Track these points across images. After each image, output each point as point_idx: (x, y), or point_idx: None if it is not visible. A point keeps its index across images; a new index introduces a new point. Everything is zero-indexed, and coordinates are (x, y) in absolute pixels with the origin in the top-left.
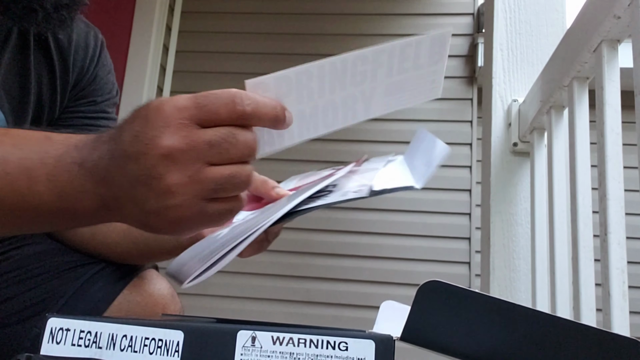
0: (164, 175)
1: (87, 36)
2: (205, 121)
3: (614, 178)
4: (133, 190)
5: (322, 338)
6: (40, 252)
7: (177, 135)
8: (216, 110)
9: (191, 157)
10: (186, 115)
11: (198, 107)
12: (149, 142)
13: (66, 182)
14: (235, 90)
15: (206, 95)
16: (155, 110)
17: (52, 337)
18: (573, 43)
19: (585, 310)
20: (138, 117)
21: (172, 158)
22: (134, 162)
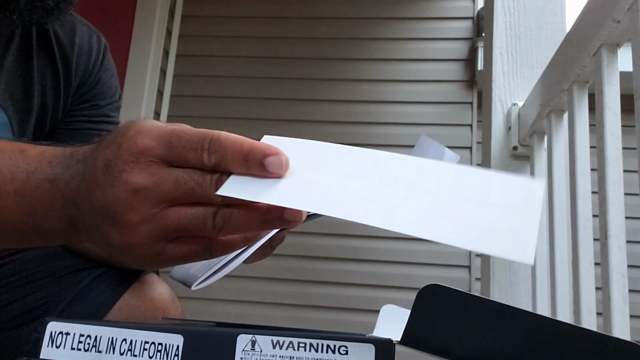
0: (127, 212)
1: (90, 40)
2: (174, 162)
3: (614, 182)
4: (98, 218)
5: (322, 342)
6: (41, 256)
7: (144, 173)
8: (185, 154)
9: (156, 196)
10: (156, 154)
11: (169, 147)
12: (117, 175)
13: (36, 199)
14: (208, 134)
15: (179, 135)
16: (128, 142)
17: (51, 341)
18: (573, 47)
19: (586, 314)
20: (112, 144)
21: (137, 195)
22: (101, 191)
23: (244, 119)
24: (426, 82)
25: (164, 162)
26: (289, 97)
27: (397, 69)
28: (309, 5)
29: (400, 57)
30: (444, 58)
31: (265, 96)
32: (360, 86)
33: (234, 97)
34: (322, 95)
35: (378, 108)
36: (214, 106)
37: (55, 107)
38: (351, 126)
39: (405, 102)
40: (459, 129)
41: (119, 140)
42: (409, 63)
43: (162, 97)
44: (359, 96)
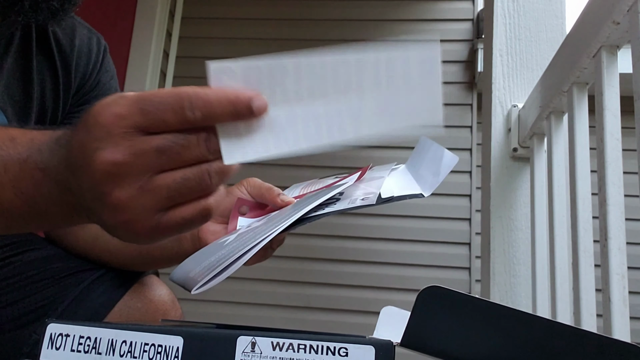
0: (111, 191)
1: (90, 42)
2: (152, 128)
3: (613, 183)
4: (89, 201)
5: (322, 344)
6: (41, 257)
7: (120, 147)
8: (163, 117)
9: (138, 168)
10: (129, 123)
11: (142, 114)
12: (92, 155)
13: (33, 189)
14: (183, 92)
15: (151, 99)
16: (94, 117)
17: (51, 343)
18: (572, 49)
19: (586, 316)
20: (83, 123)
21: (117, 172)
22: (84, 174)
23: None
24: None
25: (139, 131)
26: None
27: None
28: (308, 7)
29: None
30: (444, 59)
31: None
32: None
33: None
34: None
35: None
36: None
37: (54, 108)
38: None
39: None
40: (459, 131)
41: (87, 118)
42: None
43: None
44: None
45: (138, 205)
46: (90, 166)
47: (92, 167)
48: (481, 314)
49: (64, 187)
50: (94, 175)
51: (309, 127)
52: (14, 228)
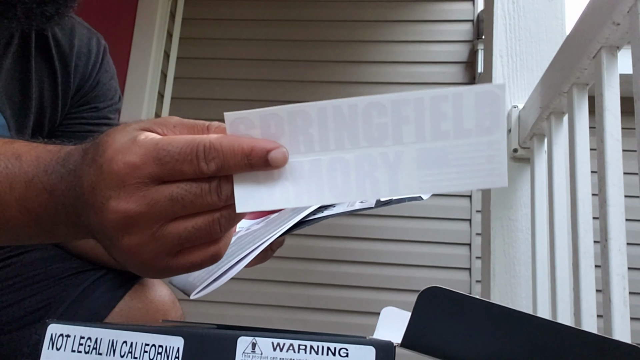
0: (122, 237)
1: (90, 42)
2: (166, 177)
3: (614, 184)
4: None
5: (323, 344)
6: (41, 258)
7: (134, 197)
8: (178, 167)
9: (151, 217)
10: (144, 174)
11: (157, 164)
12: (105, 202)
13: (39, 209)
14: (199, 143)
15: (166, 149)
16: (108, 164)
17: (52, 343)
18: (572, 49)
19: (586, 317)
20: (94, 163)
21: (129, 221)
22: (94, 214)
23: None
24: (426, 85)
25: (154, 181)
26: (289, 100)
27: (397, 71)
28: (309, 7)
29: (401, 60)
30: (444, 61)
31: (266, 98)
32: (360, 88)
33: (235, 99)
34: (323, 98)
35: None
36: (215, 108)
37: (53, 109)
38: None
39: None
40: None
41: (98, 159)
42: (409, 65)
43: (162, 100)
44: None
45: (148, 251)
46: (102, 212)
47: (104, 214)
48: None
49: (71, 212)
50: (105, 222)
51: (335, 179)
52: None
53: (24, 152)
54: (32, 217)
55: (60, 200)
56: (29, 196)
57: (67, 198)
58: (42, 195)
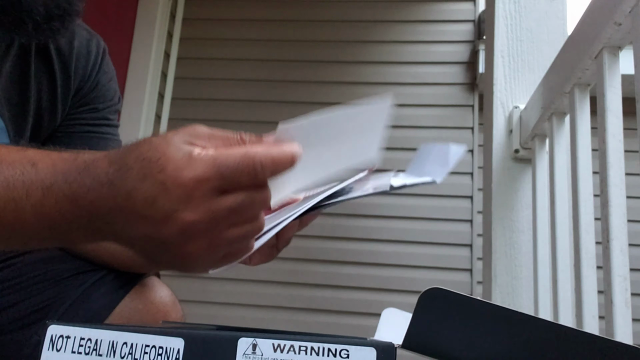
0: (183, 245)
1: (89, 43)
2: (227, 190)
3: (615, 185)
4: (142, 242)
5: (323, 345)
6: (42, 259)
7: (200, 208)
8: (238, 179)
9: (213, 226)
10: (209, 187)
11: (221, 178)
12: (169, 215)
13: (56, 216)
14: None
15: (226, 163)
16: (173, 180)
17: (52, 345)
18: (574, 50)
19: (588, 318)
20: (150, 178)
21: (195, 230)
22: (149, 226)
23: (246, 121)
24: (427, 85)
25: (216, 193)
26: (290, 100)
27: (398, 71)
28: (310, 7)
29: (402, 60)
30: (445, 61)
31: (267, 99)
32: (361, 89)
33: (235, 99)
34: (323, 98)
35: None
36: (215, 109)
37: (51, 112)
38: None
39: (406, 105)
40: (460, 132)
41: (158, 175)
42: (410, 66)
43: (162, 100)
44: (360, 98)
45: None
46: (167, 224)
47: (170, 225)
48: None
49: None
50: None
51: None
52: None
53: (39, 160)
54: (47, 223)
55: (87, 209)
56: (47, 203)
57: (98, 208)
58: (62, 203)
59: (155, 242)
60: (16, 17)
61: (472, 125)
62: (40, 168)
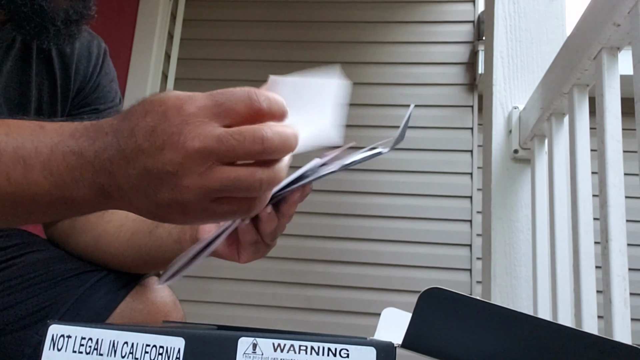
0: (179, 172)
1: (90, 45)
2: (222, 118)
3: (614, 185)
4: (143, 182)
5: (323, 345)
6: (43, 259)
7: (195, 133)
8: (234, 107)
9: (204, 155)
10: (206, 113)
11: (216, 105)
12: (167, 139)
13: (64, 171)
14: (248, 88)
15: (223, 93)
16: (174, 107)
17: (53, 344)
18: (573, 50)
19: (587, 318)
20: (152, 112)
21: (189, 156)
22: (148, 157)
23: None
24: (427, 86)
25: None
26: None
27: (397, 72)
28: (310, 8)
29: (401, 61)
30: (445, 61)
31: None
32: (361, 89)
33: None
34: None
35: (379, 111)
36: None
37: (52, 112)
38: (353, 129)
39: (406, 105)
40: (460, 132)
41: (159, 108)
42: (409, 66)
43: None
44: (359, 99)
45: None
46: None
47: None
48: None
49: (102, 170)
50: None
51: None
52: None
53: (46, 124)
54: (54, 181)
55: (91, 160)
56: (54, 159)
57: (99, 158)
58: (68, 158)
59: (153, 176)
60: (39, 24)
61: (471, 126)
62: (48, 129)
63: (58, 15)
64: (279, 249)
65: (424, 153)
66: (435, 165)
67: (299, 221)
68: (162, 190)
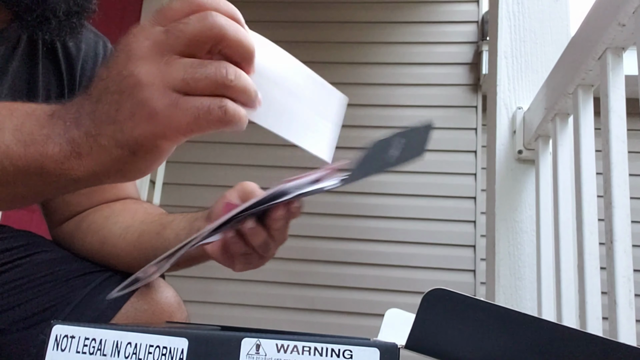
0: (133, 71)
1: (97, 45)
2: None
3: (619, 185)
4: (104, 106)
5: (327, 346)
6: (48, 260)
7: (141, 36)
8: (172, 8)
9: (157, 50)
10: (150, 22)
11: (160, 14)
12: (118, 54)
13: (35, 129)
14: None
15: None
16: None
17: (56, 344)
18: (578, 51)
19: (591, 319)
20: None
21: (139, 55)
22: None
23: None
24: (431, 86)
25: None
26: None
27: (401, 72)
28: (313, 9)
29: (405, 61)
30: (449, 62)
31: None
32: (364, 90)
33: None
34: None
35: (383, 112)
36: None
37: None
38: (356, 129)
39: (409, 106)
40: (464, 133)
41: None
42: (413, 67)
43: None
44: (363, 100)
45: (156, 80)
46: (116, 62)
47: (117, 61)
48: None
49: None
50: (119, 65)
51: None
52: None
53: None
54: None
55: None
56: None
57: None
58: (40, 118)
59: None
60: (41, 15)
61: (475, 126)
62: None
63: (59, 6)
64: (282, 250)
65: (427, 153)
66: (439, 165)
67: (301, 222)
68: (121, 101)
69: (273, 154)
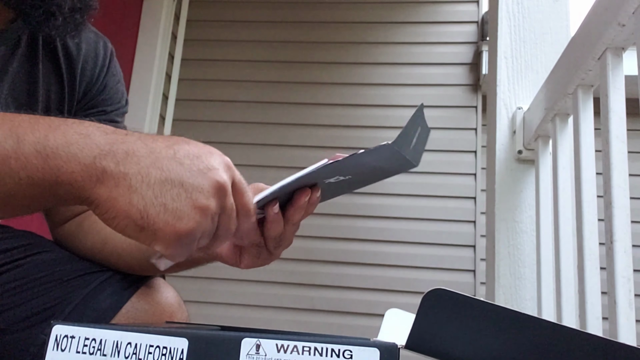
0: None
1: (97, 46)
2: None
3: (619, 186)
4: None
5: (327, 346)
6: (49, 260)
7: (226, 174)
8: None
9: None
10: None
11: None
12: (204, 165)
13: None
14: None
15: None
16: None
17: (57, 345)
18: (577, 51)
19: (591, 319)
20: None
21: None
22: (184, 170)
23: (249, 122)
24: (431, 86)
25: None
26: (293, 101)
27: (401, 72)
28: (313, 9)
29: (405, 61)
30: (449, 62)
31: (270, 100)
32: (365, 90)
33: (239, 101)
34: (327, 99)
35: (383, 112)
36: (219, 110)
37: (59, 112)
38: (356, 130)
39: (410, 106)
40: (464, 133)
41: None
42: (413, 67)
43: (167, 101)
44: (364, 100)
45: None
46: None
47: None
48: (486, 317)
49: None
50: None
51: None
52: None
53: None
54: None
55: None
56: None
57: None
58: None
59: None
60: (46, 11)
61: (475, 127)
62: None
63: (64, 1)
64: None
65: (427, 154)
66: (439, 166)
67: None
68: (180, 198)
69: (273, 154)
